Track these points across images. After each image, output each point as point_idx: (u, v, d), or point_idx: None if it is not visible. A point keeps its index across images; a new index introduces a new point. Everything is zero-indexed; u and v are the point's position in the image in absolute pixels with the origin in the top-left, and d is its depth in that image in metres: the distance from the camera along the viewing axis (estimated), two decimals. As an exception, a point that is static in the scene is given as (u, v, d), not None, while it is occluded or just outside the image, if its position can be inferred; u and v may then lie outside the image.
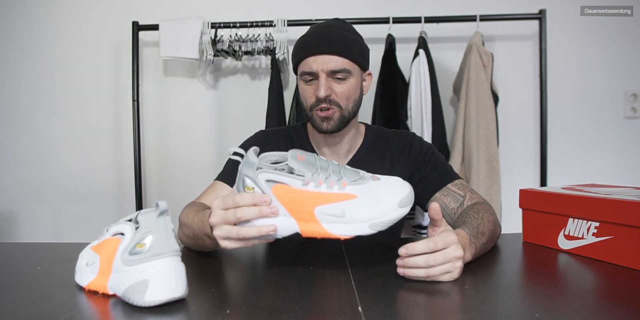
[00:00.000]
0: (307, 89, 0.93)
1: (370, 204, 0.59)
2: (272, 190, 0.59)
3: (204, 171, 2.01)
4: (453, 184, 0.94)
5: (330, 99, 0.90)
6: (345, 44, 0.89)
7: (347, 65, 0.90)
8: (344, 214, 0.58)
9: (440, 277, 0.60)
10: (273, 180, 0.60)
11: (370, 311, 0.50)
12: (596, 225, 0.72)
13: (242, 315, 0.50)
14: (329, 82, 0.90)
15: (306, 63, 0.90)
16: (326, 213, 0.59)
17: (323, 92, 0.89)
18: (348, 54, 0.90)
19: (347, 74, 0.91)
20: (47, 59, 2.04)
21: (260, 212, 0.59)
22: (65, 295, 0.57)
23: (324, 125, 0.93)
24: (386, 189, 0.60)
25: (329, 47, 0.88)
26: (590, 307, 0.52)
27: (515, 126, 1.99)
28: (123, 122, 2.04)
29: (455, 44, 1.95)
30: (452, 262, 0.60)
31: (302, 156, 0.60)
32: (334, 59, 0.89)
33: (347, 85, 0.92)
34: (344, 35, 0.90)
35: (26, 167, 2.07)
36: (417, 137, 1.04)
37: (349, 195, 0.59)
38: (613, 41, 1.96)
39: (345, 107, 0.93)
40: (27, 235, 2.08)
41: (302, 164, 0.60)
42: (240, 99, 2.03)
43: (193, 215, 0.78)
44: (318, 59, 0.88)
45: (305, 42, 0.91)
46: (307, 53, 0.89)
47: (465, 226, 0.73)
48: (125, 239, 0.55)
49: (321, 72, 0.89)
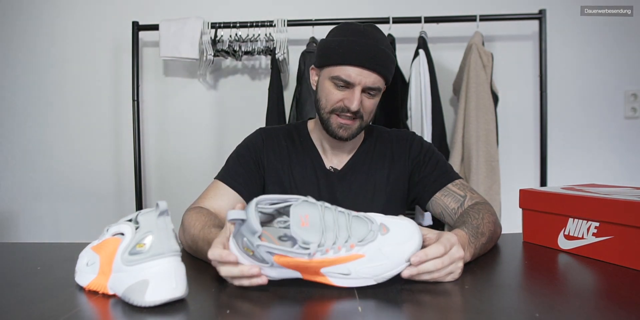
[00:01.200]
0: (335, 92, 0.91)
1: (377, 261, 0.57)
2: (274, 258, 0.56)
3: (204, 171, 2.01)
4: (453, 184, 0.94)
5: (358, 111, 0.91)
6: (386, 64, 0.90)
7: (381, 84, 0.91)
8: (350, 272, 0.57)
9: (443, 278, 0.61)
10: (273, 253, 0.56)
11: (370, 311, 0.50)
12: (596, 225, 0.72)
13: (242, 315, 0.50)
14: (362, 97, 0.90)
15: (345, 70, 0.88)
16: (333, 271, 0.57)
17: (356, 106, 0.89)
18: (387, 75, 0.91)
19: (378, 91, 0.92)
20: (47, 59, 2.04)
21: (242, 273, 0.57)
22: (65, 295, 0.57)
23: (341, 132, 0.93)
24: (395, 245, 0.57)
25: (375, 65, 0.88)
26: (590, 307, 0.52)
27: (515, 126, 1.99)
28: (123, 122, 2.04)
29: (455, 44, 1.95)
30: (455, 262, 0.61)
31: (305, 221, 0.56)
32: (374, 76, 0.89)
33: (374, 101, 0.93)
34: (386, 53, 0.90)
35: (26, 167, 2.07)
36: (417, 136, 1.04)
37: (357, 255, 0.57)
38: (613, 41, 1.96)
39: (366, 119, 0.95)
40: (27, 235, 2.08)
41: (306, 231, 0.55)
42: (240, 99, 2.03)
43: (199, 229, 0.77)
44: (359, 71, 0.88)
45: (350, 49, 0.88)
46: (351, 61, 0.87)
47: (465, 226, 0.73)
48: (125, 239, 0.55)
49: (359, 85, 0.89)
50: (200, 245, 0.74)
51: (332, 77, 0.90)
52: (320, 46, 0.94)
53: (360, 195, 0.98)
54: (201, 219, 0.81)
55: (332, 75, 0.90)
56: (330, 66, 0.90)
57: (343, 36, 0.90)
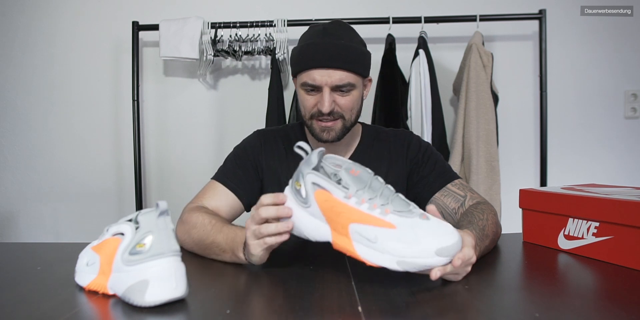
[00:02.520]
0: (308, 98, 0.91)
1: (406, 240, 0.54)
2: (315, 194, 0.60)
3: (204, 171, 2.00)
4: (453, 184, 0.94)
5: (333, 111, 0.90)
6: (351, 58, 0.88)
7: (352, 79, 0.89)
8: (376, 240, 0.55)
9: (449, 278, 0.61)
10: (318, 184, 0.59)
11: (370, 311, 0.50)
12: (596, 225, 0.72)
13: (242, 315, 0.50)
14: (333, 96, 0.89)
15: (309, 75, 0.88)
16: (359, 233, 0.56)
17: (327, 108, 0.88)
18: (353, 68, 0.88)
19: (351, 87, 0.90)
20: (47, 59, 2.04)
21: (277, 212, 0.63)
22: (65, 295, 0.57)
23: (324, 135, 0.92)
24: (430, 231, 0.54)
25: (335, 62, 0.86)
26: (590, 307, 0.52)
27: (515, 126, 1.99)
28: (123, 122, 2.04)
29: (455, 44, 1.95)
30: (467, 266, 0.61)
31: (356, 171, 0.59)
32: (339, 74, 0.87)
33: (351, 97, 0.91)
34: (349, 47, 0.88)
35: (26, 167, 2.07)
36: (414, 136, 1.04)
37: (388, 223, 0.55)
38: (613, 41, 1.96)
39: (349, 118, 0.93)
40: (27, 235, 2.08)
41: (352, 178, 0.58)
42: (240, 99, 2.03)
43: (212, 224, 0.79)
44: (322, 73, 0.86)
45: (309, 52, 0.88)
46: (312, 64, 0.87)
47: (472, 227, 0.73)
48: (125, 239, 0.55)
49: (325, 86, 0.87)
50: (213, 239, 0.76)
51: (301, 84, 0.90)
52: (290, 56, 0.96)
53: None
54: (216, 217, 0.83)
55: (301, 83, 0.90)
56: (299, 74, 0.91)
57: (305, 41, 0.91)
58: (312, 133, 0.94)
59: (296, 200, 0.62)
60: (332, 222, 0.59)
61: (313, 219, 0.61)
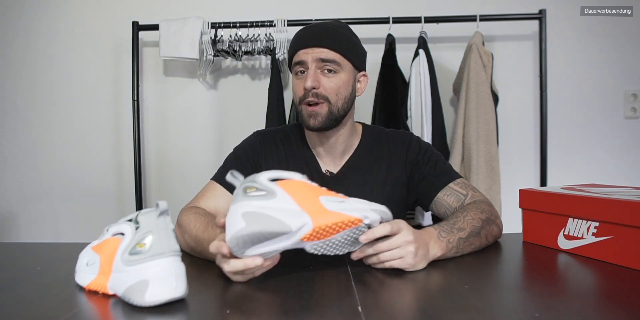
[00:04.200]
0: (297, 83, 0.93)
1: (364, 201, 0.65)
2: (278, 183, 0.62)
3: (204, 171, 2.00)
4: (455, 183, 0.94)
5: (317, 93, 0.90)
6: (336, 38, 0.91)
7: (337, 58, 0.91)
8: (345, 201, 0.63)
9: (394, 263, 0.64)
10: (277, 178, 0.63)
11: (370, 311, 0.50)
12: (596, 225, 0.72)
13: (242, 315, 0.50)
14: (318, 75, 0.90)
15: (297, 55, 0.92)
16: (329, 200, 0.62)
17: (310, 83, 0.88)
18: (339, 47, 0.91)
19: (337, 66, 0.90)
20: (47, 59, 2.04)
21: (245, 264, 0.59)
22: (65, 295, 0.57)
23: (311, 121, 0.91)
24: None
25: (321, 41, 0.90)
26: (590, 307, 0.52)
27: (515, 126, 1.99)
28: (123, 122, 2.04)
29: (455, 44, 1.95)
30: (402, 247, 0.64)
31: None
32: (325, 51, 0.90)
33: (337, 79, 0.91)
34: (336, 31, 0.92)
35: (26, 167, 2.07)
36: (414, 136, 1.04)
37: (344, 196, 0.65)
38: (613, 41, 1.96)
39: (335, 102, 0.91)
40: (27, 235, 2.08)
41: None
42: (240, 99, 2.03)
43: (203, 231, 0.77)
44: (309, 51, 0.90)
45: (298, 37, 0.93)
46: (300, 46, 0.91)
47: (437, 224, 0.76)
48: (125, 239, 0.55)
49: (311, 62, 0.90)
50: (205, 246, 0.74)
51: (292, 69, 0.95)
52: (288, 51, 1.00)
53: None
54: (201, 220, 0.81)
55: (292, 68, 0.94)
56: (291, 61, 0.95)
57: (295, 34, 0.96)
58: (302, 121, 0.95)
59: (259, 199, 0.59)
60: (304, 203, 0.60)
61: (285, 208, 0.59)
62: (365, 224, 0.61)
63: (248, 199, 0.59)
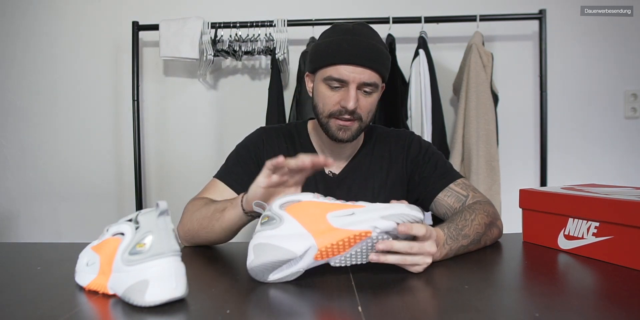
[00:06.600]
0: (330, 95, 0.89)
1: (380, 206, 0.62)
2: (286, 210, 0.62)
3: (204, 171, 2.00)
4: (455, 184, 0.94)
5: (355, 111, 0.89)
6: (381, 60, 0.88)
7: (377, 80, 0.89)
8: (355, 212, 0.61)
9: (407, 266, 0.63)
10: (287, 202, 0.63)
11: (370, 311, 0.50)
12: (596, 225, 0.72)
13: (242, 315, 0.50)
14: (358, 95, 0.88)
15: (337, 69, 0.86)
16: (337, 216, 0.60)
17: (353, 104, 0.86)
18: (381, 70, 0.88)
19: (375, 88, 0.90)
20: (47, 59, 2.04)
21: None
22: (65, 295, 0.57)
23: (340, 134, 0.91)
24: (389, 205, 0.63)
25: (366, 61, 0.86)
26: (590, 307, 0.52)
27: (515, 126, 1.99)
28: (123, 122, 2.04)
29: (455, 44, 1.95)
30: (424, 256, 0.63)
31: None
32: (368, 73, 0.86)
33: (371, 99, 0.91)
34: (379, 49, 0.88)
35: (26, 167, 2.07)
36: (415, 136, 1.04)
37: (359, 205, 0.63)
38: (613, 41, 1.96)
39: (365, 120, 0.92)
40: (27, 235, 2.08)
41: None
42: (240, 99, 2.03)
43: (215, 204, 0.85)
44: (351, 69, 0.85)
45: (339, 48, 0.86)
46: (342, 60, 0.86)
47: (447, 226, 0.73)
48: (125, 239, 0.55)
49: (352, 82, 0.86)
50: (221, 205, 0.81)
51: (325, 78, 0.88)
52: (311, 51, 0.93)
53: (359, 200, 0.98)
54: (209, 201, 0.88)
55: (325, 77, 0.88)
56: (323, 68, 0.89)
57: (332, 37, 0.89)
58: (327, 131, 0.92)
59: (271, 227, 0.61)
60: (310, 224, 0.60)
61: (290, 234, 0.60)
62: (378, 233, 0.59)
63: (261, 229, 0.62)
